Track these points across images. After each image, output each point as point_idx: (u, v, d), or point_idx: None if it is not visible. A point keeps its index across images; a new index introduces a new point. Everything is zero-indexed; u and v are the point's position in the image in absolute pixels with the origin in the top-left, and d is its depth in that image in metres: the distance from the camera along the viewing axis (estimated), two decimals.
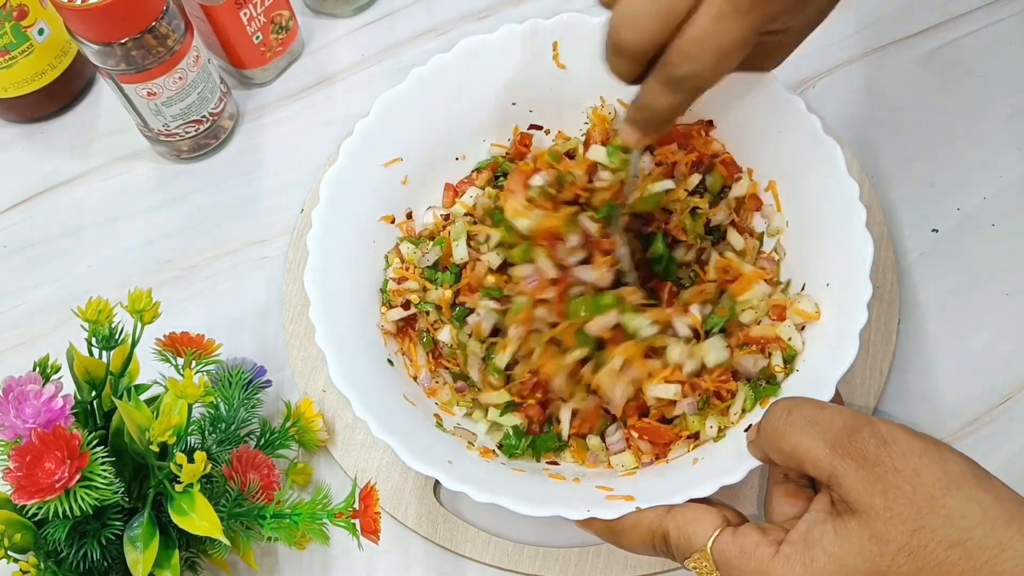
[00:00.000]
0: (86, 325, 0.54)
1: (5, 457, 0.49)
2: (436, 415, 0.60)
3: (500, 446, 0.59)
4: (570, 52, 0.64)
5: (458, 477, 0.52)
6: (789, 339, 0.58)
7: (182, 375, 0.56)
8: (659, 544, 0.49)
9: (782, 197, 0.61)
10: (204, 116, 0.71)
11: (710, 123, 0.64)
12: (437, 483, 0.61)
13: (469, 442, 0.58)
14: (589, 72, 0.65)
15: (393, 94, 0.63)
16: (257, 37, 0.73)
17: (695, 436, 0.57)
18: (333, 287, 0.59)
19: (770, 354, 0.59)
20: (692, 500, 0.50)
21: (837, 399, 0.52)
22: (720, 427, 0.57)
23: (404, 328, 0.63)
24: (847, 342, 0.53)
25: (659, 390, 0.57)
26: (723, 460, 0.54)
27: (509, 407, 0.60)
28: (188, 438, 0.55)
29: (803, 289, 0.59)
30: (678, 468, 0.56)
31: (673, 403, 0.57)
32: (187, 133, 0.71)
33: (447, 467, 0.53)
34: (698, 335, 0.58)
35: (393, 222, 0.64)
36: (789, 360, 0.57)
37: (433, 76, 0.64)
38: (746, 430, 0.55)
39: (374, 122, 0.63)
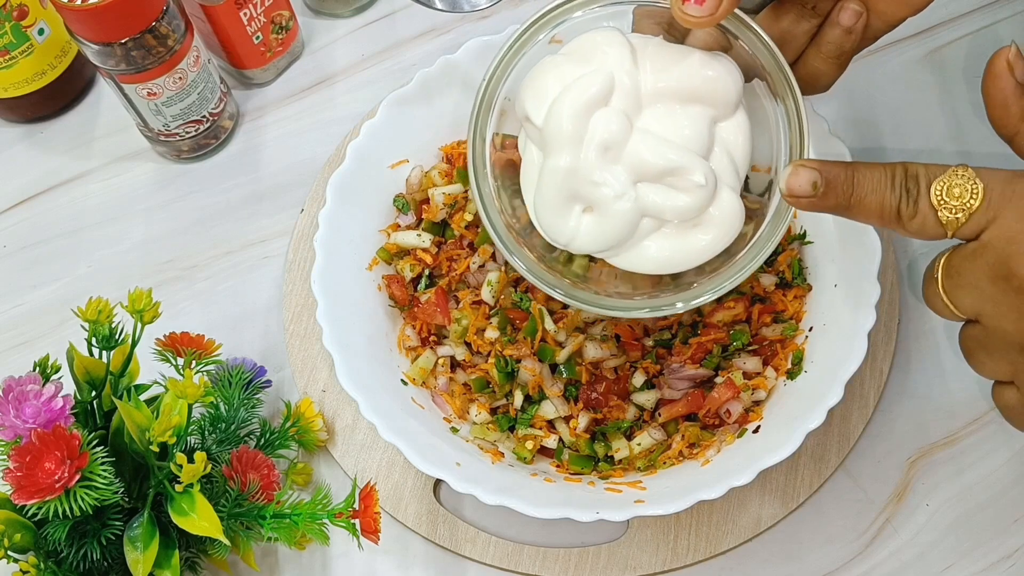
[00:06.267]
0: (86, 325, 0.54)
1: (5, 457, 0.49)
2: (446, 418, 0.60)
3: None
4: None
5: (466, 479, 0.52)
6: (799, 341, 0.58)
7: (182, 375, 0.56)
8: (899, 180, 0.42)
9: None
10: (204, 116, 0.71)
11: None
12: (437, 483, 0.61)
13: (479, 446, 0.58)
14: None
15: (399, 95, 0.63)
16: (257, 37, 0.73)
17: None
18: (339, 288, 0.59)
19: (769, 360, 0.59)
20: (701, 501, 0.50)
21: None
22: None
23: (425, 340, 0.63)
24: (855, 343, 0.53)
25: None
26: (733, 462, 0.54)
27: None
28: (188, 438, 0.55)
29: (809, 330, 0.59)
30: (687, 470, 0.56)
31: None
32: (187, 133, 0.71)
33: (455, 469, 0.53)
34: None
35: (397, 229, 0.64)
36: (797, 361, 0.58)
37: (439, 77, 0.64)
38: (755, 431, 0.55)
39: (380, 123, 0.63)
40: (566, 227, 0.45)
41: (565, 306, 0.60)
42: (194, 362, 0.57)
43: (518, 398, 0.59)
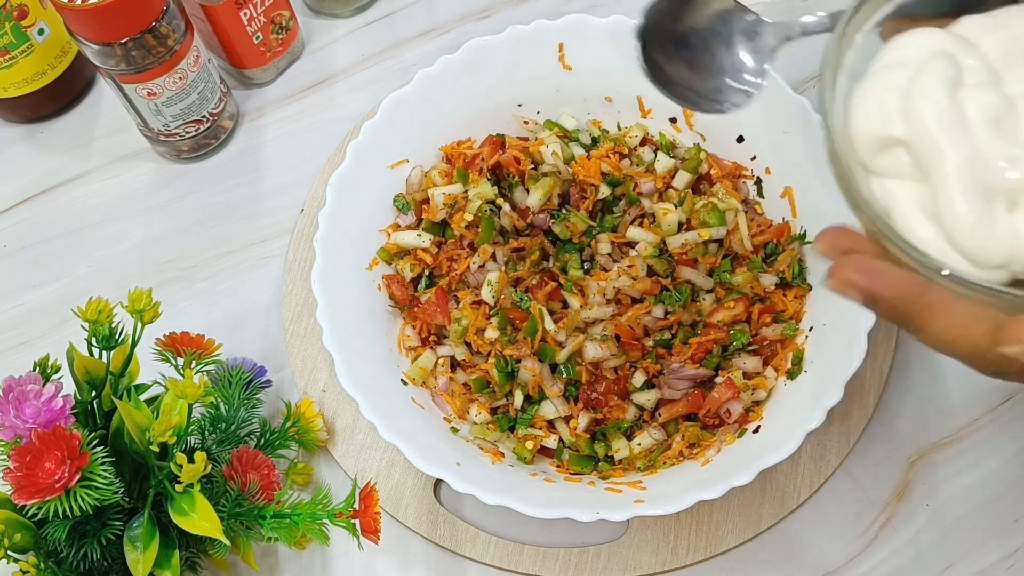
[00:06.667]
0: (86, 325, 0.54)
1: (5, 457, 0.49)
2: (446, 418, 0.60)
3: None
4: (576, 53, 0.64)
5: (467, 479, 0.52)
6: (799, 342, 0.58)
7: (182, 375, 0.56)
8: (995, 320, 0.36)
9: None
10: (204, 116, 0.71)
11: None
12: (437, 483, 0.61)
13: (479, 446, 0.58)
14: (595, 73, 0.65)
15: (399, 95, 0.63)
16: (257, 37, 0.73)
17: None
18: (339, 288, 0.59)
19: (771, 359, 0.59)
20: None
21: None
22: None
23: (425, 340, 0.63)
24: (855, 343, 0.53)
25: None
26: (733, 462, 0.54)
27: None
28: (188, 438, 0.55)
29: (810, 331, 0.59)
30: (687, 470, 0.56)
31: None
32: (187, 133, 0.71)
33: (455, 469, 0.53)
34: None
35: (397, 229, 0.64)
36: (797, 361, 0.58)
37: (439, 77, 0.64)
38: (755, 431, 0.55)
39: (380, 123, 0.63)
40: (997, 238, 0.36)
41: (565, 305, 0.60)
42: (194, 362, 0.57)
43: (518, 398, 0.59)
